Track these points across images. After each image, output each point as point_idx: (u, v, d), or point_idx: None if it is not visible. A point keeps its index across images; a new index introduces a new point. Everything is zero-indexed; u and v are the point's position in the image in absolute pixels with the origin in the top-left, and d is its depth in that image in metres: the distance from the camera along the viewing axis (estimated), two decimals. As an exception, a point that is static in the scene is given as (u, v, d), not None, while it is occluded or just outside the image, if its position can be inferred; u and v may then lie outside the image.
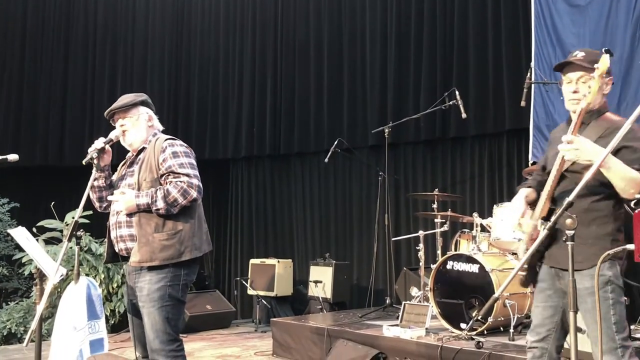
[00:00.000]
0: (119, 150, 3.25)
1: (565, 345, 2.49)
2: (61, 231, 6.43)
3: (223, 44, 8.43)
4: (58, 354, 2.77)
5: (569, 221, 1.88)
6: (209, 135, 8.39)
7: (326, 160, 6.41)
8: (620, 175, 2.19)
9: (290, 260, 7.26)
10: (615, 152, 2.22)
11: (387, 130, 5.96)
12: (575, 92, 2.43)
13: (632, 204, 1.83)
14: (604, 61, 2.11)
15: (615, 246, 2.29)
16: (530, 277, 2.54)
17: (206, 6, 8.62)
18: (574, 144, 2.15)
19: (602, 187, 2.28)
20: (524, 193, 2.62)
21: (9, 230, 3.29)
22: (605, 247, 2.27)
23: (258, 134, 8.05)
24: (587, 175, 1.98)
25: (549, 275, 2.50)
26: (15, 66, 8.52)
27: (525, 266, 2.46)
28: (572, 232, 1.88)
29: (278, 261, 7.04)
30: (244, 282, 7.21)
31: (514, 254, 4.61)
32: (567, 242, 1.90)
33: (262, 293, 6.92)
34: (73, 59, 8.60)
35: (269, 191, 8.22)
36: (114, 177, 3.20)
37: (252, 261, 7.32)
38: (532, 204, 2.57)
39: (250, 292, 7.08)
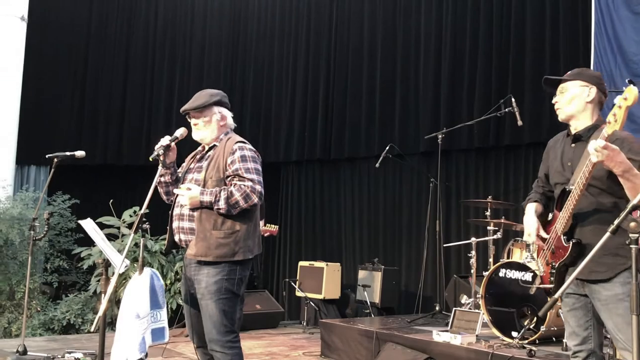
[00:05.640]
0: (184, 147, 3.38)
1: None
2: (118, 228, 6.66)
3: (277, 48, 8.58)
4: (122, 341, 2.89)
5: (633, 224, 1.90)
6: (261, 138, 8.54)
7: (377, 165, 6.42)
8: (636, 187, 2.32)
9: (339, 263, 7.30)
10: None
11: (440, 136, 5.93)
12: (555, 102, 2.70)
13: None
14: (632, 92, 2.20)
15: (626, 252, 2.39)
16: (556, 287, 2.67)
17: (262, 11, 8.80)
18: (606, 149, 2.27)
19: (614, 202, 2.50)
20: (532, 209, 2.78)
21: (80, 221, 3.44)
22: (624, 255, 2.39)
23: (309, 139, 8.15)
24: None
25: (573, 284, 2.58)
26: (79, 69, 8.89)
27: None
28: (637, 235, 1.88)
29: (326, 264, 7.10)
30: (292, 283, 7.29)
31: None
32: (632, 246, 1.91)
33: (310, 295, 6.98)
34: (133, 62, 8.93)
35: (318, 195, 8.30)
36: (181, 168, 3.33)
37: (301, 263, 7.40)
38: (540, 216, 2.76)
39: (298, 293, 7.16)
